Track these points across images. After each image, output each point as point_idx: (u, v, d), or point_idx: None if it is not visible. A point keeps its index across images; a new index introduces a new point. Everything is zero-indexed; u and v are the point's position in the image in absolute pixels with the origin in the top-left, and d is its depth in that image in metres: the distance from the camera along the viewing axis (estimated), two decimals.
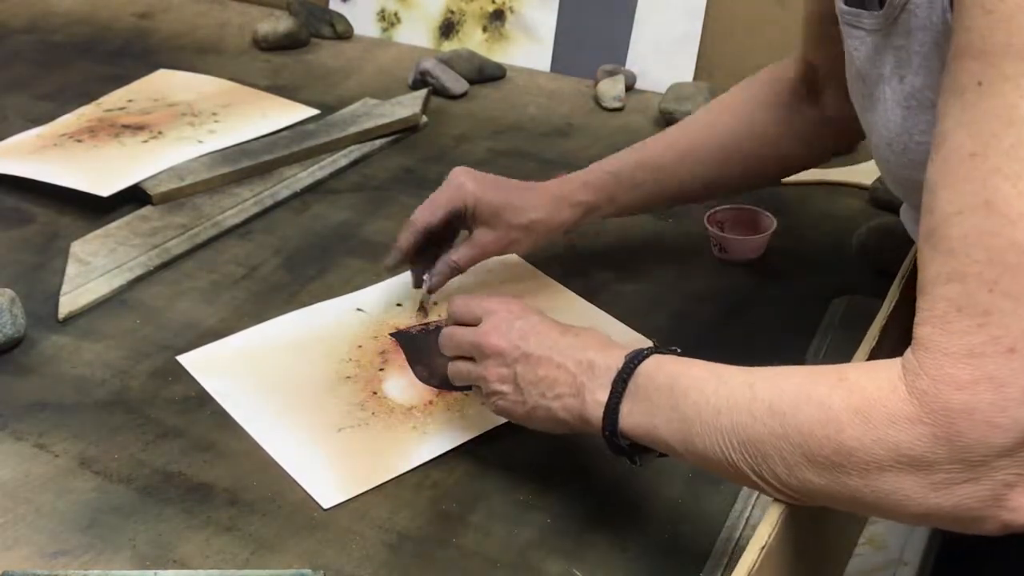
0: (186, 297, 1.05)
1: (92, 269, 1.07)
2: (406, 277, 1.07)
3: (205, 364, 0.95)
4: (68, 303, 1.02)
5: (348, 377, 0.94)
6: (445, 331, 0.83)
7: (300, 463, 0.85)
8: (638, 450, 0.71)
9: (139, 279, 1.07)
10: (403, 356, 0.96)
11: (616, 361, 0.71)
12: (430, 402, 0.90)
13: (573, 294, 1.05)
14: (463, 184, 0.98)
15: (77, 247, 1.11)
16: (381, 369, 0.95)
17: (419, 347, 0.96)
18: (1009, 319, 0.54)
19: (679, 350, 0.73)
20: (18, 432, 0.88)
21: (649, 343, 0.95)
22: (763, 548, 0.61)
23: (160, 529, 0.79)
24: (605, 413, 0.70)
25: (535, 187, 1.01)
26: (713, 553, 0.77)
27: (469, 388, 0.91)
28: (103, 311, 1.03)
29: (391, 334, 0.99)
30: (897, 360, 0.59)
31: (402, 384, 0.93)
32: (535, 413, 0.75)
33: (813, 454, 0.59)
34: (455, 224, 0.99)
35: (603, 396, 0.71)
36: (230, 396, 0.92)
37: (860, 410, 0.58)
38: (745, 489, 0.82)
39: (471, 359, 0.80)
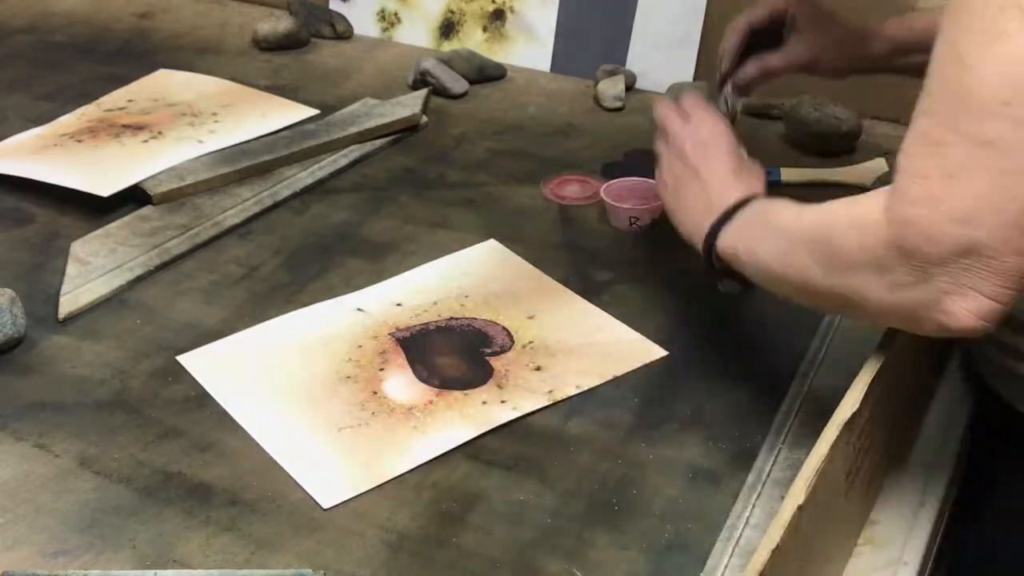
0: (186, 297, 1.05)
1: (92, 269, 1.07)
2: (406, 277, 1.07)
3: (205, 364, 0.95)
4: (68, 303, 1.02)
5: (348, 377, 0.94)
6: (666, 107, 0.99)
7: (300, 463, 0.85)
8: (726, 274, 0.87)
9: (139, 279, 1.07)
10: (403, 356, 0.96)
11: (736, 193, 0.89)
12: (430, 402, 0.90)
13: (573, 294, 1.05)
14: None
15: (77, 247, 1.11)
16: (381, 369, 0.94)
17: (419, 347, 0.97)
18: (954, 150, 0.63)
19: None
20: (18, 432, 0.88)
21: (656, 347, 0.96)
22: (774, 549, 0.61)
23: (160, 529, 0.79)
24: (707, 234, 0.87)
25: (845, 23, 1.11)
26: (713, 553, 0.77)
27: (469, 387, 0.91)
28: (103, 311, 1.03)
29: (391, 334, 0.99)
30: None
31: (402, 384, 0.93)
32: (677, 215, 0.94)
33: (818, 255, 0.73)
34: (775, 31, 1.10)
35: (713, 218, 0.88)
36: (230, 396, 0.92)
37: (852, 219, 0.71)
38: (745, 489, 0.82)
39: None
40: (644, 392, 0.92)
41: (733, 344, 0.99)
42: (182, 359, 0.96)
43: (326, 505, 0.81)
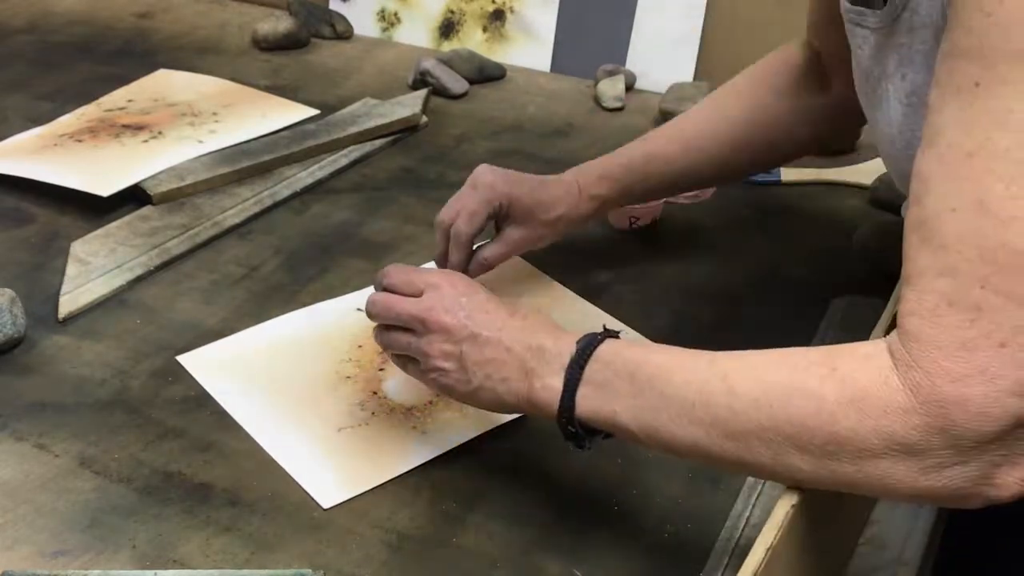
0: (186, 297, 1.05)
1: (92, 269, 1.07)
2: None
3: (205, 364, 0.95)
4: (68, 303, 1.02)
5: (348, 377, 0.94)
6: (378, 297, 0.81)
7: (300, 463, 0.85)
8: (589, 433, 0.72)
9: (139, 279, 1.07)
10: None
11: (567, 347, 0.72)
12: (430, 402, 0.90)
13: (573, 294, 1.05)
14: (494, 185, 0.97)
15: (77, 247, 1.11)
16: (381, 369, 0.94)
17: None
18: (1000, 315, 0.56)
19: (621, 333, 0.74)
20: (18, 432, 0.88)
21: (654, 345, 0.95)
22: (769, 548, 0.61)
23: (160, 529, 0.79)
24: (562, 398, 0.71)
25: (555, 181, 1.01)
26: (713, 553, 0.77)
27: None
28: (103, 311, 1.03)
29: None
30: (882, 346, 0.61)
31: (402, 384, 0.93)
32: (480, 394, 0.76)
33: (804, 444, 0.61)
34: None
35: (556, 382, 0.71)
36: (230, 396, 0.92)
37: (854, 401, 0.59)
38: (745, 489, 0.82)
39: (408, 330, 0.79)
40: None
41: (733, 344, 0.99)
42: (182, 359, 0.96)
43: (326, 505, 0.81)
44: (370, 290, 1.04)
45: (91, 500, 0.81)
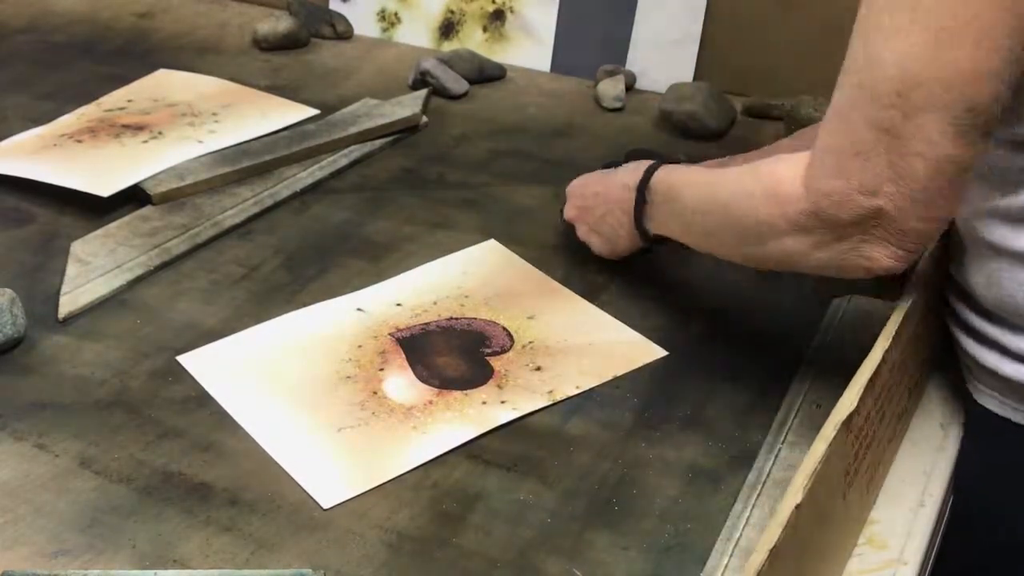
0: (186, 297, 1.05)
1: (92, 269, 1.07)
2: (406, 277, 1.07)
3: (205, 364, 0.95)
4: (68, 303, 1.02)
5: (348, 377, 0.94)
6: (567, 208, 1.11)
7: (300, 463, 0.85)
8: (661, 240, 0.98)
9: (139, 279, 1.07)
10: (403, 356, 0.96)
11: (637, 177, 0.98)
12: (430, 402, 0.90)
13: (573, 294, 1.05)
14: None
15: (77, 247, 1.11)
16: (381, 369, 0.94)
17: (419, 347, 0.96)
18: (860, 131, 0.73)
19: (682, 157, 1.07)
20: (18, 432, 0.88)
21: (657, 347, 0.96)
22: (772, 549, 0.61)
23: (160, 529, 0.79)
24: (635, 217, 0.99)
25: None
26: (713, 553, 0.77)
27: (469, 388, 0.91)
28: (103, 311, 1.03)
29: (391, 334, 0.99)
30: (806, 154, 0.77)
31: (402, 384, 0.93)
32: (611, 235, 1.04)
33: (745, 232, 0.82)
34: None
35: (631, 206, 0.99)
36: (230, 396, 0.92)
37: (770, 192, 0.79)
38: (745, 489, 0.82)
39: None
40: (644, 392, 0.92)
41: (733, 344, 0.99)
42: (182, 359, 0.96)
43: (326, 505, 0.81)
44: (370, 289, 1.05)
45: (91, 500, 0.81)
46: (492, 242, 1.13)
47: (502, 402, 0.91)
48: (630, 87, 1.46)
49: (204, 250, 1.12)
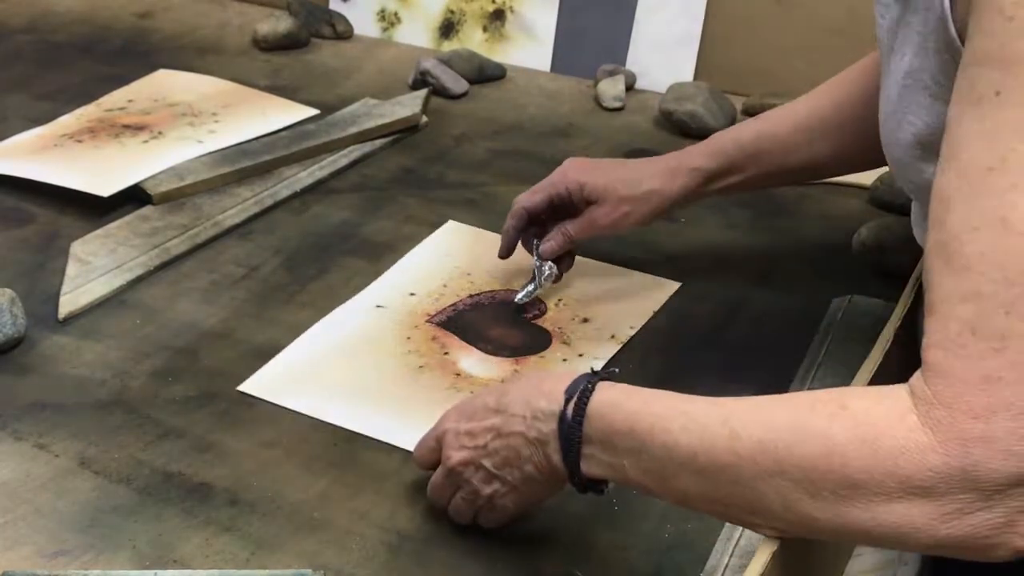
0: (186, 297, 1.05)
1: (92, 269, 1.07)
2: (404, 270, 1.07)
3: (272, 385, 0.92)
4: (68, 303, 1.02)
5: (420, 367, 0.94)
6: (430, 486, 0.78)
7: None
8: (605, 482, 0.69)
9: (139, 279, 1.07)
10: (456, 338, 0.97)
11: (557, 401, 0.67)
12: (516, 371, 0.92)
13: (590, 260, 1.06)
14: (565, 171, 1.01)
15: (77, 247, 1.11)
16: (446, 353, 0.95)
17: (464, 326, 0.98)
18: None
19: (616, 370, 0.70)
20: (18, 432, 0.88)
21: (669, 282, 0.98)
22: (773, 553, 0.61)
23: (160, 529, 0.79)
24: (565, 462, 0.67)
25: (646, 160, 1.03)
26: (713, 553, 0.77)
27: (539, 351, 0.94)
28: (103, 311, 1.03)
29: (428, 321, 0.99)
30: (902, 387, 0.57)
31: (476, 362, 0.94)
32: (525, 488, 0.72)
33: (816, 489, 0.57)
34: (561, 209, 1.01)
35: (557, 445, 0.67)
36: (319, 406, 0.90)
37: (867, 440, 0.55)
38: None
39: (455, 489, 0.76)
40: None
41: (733, 344, 0.99)
42: (245, 388, 0.92)
43: None
44: (376, 287, 1.05)
45: (91, 500, 0.81)
46: (451, 223, 1.15)
47: (580, 355, 0.93)
48: (630, 87, 1.46)
49: (204, 250, 1.12)
